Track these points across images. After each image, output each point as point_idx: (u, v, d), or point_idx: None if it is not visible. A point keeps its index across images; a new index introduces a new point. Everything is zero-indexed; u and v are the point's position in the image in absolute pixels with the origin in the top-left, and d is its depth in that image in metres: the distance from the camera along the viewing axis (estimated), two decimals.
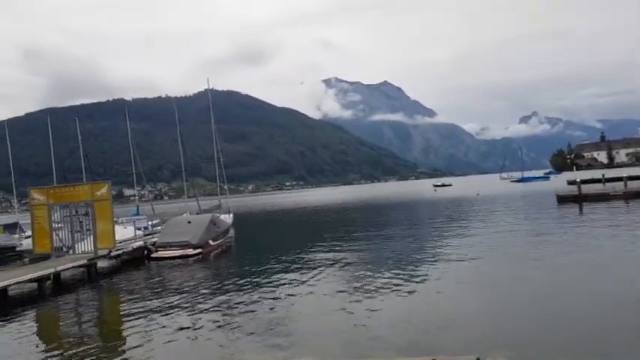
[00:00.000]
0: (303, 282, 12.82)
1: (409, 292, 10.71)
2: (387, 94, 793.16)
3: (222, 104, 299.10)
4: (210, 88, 38.51)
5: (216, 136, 32.73)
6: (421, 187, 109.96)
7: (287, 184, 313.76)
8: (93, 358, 7.96)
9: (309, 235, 25.15)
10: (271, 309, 10.26)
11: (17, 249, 24.64)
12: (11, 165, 35.02)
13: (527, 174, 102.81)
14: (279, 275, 14.02)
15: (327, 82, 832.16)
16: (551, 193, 38.22)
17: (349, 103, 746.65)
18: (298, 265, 15.55)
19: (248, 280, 13.72)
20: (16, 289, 13.94)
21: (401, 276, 12.47)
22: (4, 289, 13.20)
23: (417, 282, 11.76)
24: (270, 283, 13.03)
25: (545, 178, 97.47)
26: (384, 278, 12.35)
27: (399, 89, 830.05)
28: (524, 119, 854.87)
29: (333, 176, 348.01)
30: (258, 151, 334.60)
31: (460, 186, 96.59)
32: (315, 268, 14.70)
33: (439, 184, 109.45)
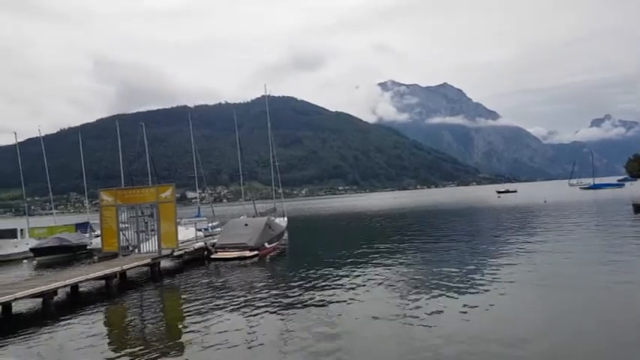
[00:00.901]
0: (357, 287, 12.63)
1: (468, 306, 10.14)
2: (447, 96, 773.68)
3: (278, 110, 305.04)
4: (267, 94, 39.28)
5: (272, 141, 33.33)
6: (483, 194, 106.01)
7: (340, 188, 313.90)
8: (155, 353, 8.26)
9: (362, 241, 24.81)
10: (325, 313, 10.20)
11: (88, 247, 26.34)
12: (83, 168, 37.63)
13: (598, 180, 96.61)
14: (332, 279, 13.90)
15: (383, 86, 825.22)
16: (627, 201, 35.33)
17: (406, 106, 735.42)
18: (352, 270, 15.34)
19: (302, 282, 13.72)
20: (85, 286, 14.83)
21: (460, 288, 11.91)
22: (75, 286, 14.09)
23: (477, 294, 11.15)
24: (324, 286, 12.93)
25: (619, 185, 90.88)
26: (442, 288, 11.84)
27: (460, 91, 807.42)
28: (596, 122, 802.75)
29: (387, 181, 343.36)
30: (312, 156, 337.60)
31: (525, 192, 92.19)
32: (369, 274, 14.44)
33: (503, 190, 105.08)
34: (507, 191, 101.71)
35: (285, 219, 31.28)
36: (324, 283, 13.39)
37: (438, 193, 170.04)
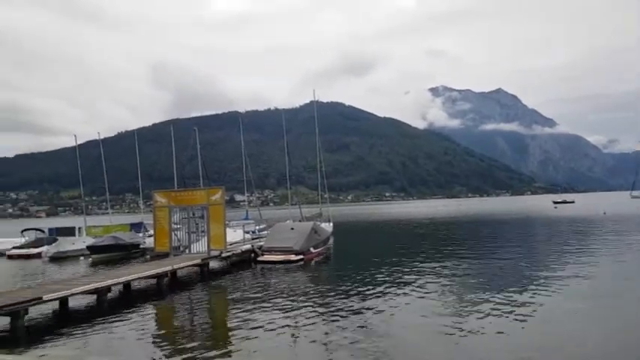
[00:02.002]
0: (403, 295, 12.33)
1: (516, 319, 9.61)
2: (501, 102, 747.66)
3: (326, 115, 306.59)
4: (316, 99, 39.43)
5: (319, 147, 33.36)
6: (538, 203, 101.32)
7: (387, 194, 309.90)
8: (201, 350, 8.43)
9: (409, 248, 24.23)
10: (369, 319, 10.05)
11: (141, 246, 27.33)
12: (139, 170, 39.28)
13: None
14: (378, 286, 13.61)
15: (434, 91, 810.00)
16: None
17: (457, 112, 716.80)
18: (398, 278, 14.96)
19: (347, 288, 13.51)
20: (138, 284, 15.34)
21: (509, 299, 11.31)
22: (128, 284, 14.60)
23: (525, 307, 10.53)
24: (368, 293, 12.67)
25: None
26: (490, 300, 11.31)
27: (515, 97, 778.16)
28: None
29: (436, 188, 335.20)
30: (359, 161, 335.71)
31: (583, 203, 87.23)
32: (415, 282, 14.02)
33: (559, 200, 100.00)
34: (564, 202, 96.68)
35: (331, 224, 31.16)
36: (369, 290, 13.13)
37: (491, 201, 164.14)
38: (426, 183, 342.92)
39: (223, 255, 19.31)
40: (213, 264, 19.46)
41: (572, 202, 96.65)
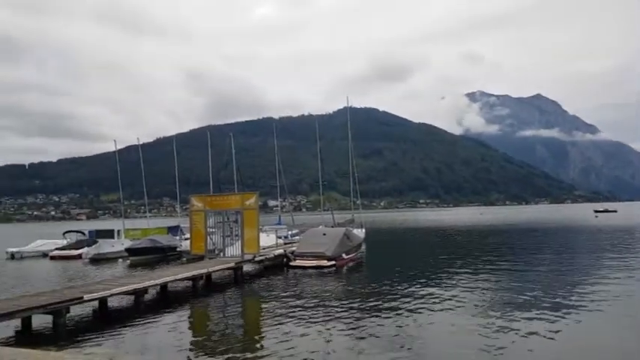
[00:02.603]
0: (436, 304, 12.04)
1: (552, 331, 9.24)
2: (541, 107, 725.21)
3: (360, 121, 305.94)
4: (349, 105, 39.45)
5: (352, 152, 33.27)
6: (579, 212, 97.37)
7: (421, 201, 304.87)
8: (234, 351, 8.56)
9: (444, 257, 23.69)
10: (401, 327, 9.88)
11: (178, 249, 27.89)
12: (176, 175, 40.30)
13: None
14: (410, 294, 13.35)
15: (471, 96, 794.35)
16: None
17: (495, 117, 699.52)
18: (431, 287, 14.64)
19: (380, 296, 13.33)
20: (174, 286, 15.66)
21: (546, 310, 10.86)
22: (165, 285, 14.92)
23: (562, 319, 10.11)
24: (401, 301, 12.46)
25: None
26: (526, 311, 10.89)
27: (555, 103, 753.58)
28: None
29: (472, 195, 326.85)
30: (393, 167, 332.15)
31: (626, 213, 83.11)
32: (449, 291, 13.69)
33: (601, 209, 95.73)
34: (606, 211, 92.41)
35: (363, 230, 30.94)
36: (401, 298, 12.91)
37: (529, 209, 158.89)
38: (462, 190, 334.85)
39: (256, 259, 19.50)
40: (247, 268, 19.67)
41: (615, 211, 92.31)
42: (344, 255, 21.38)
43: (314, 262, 20.01)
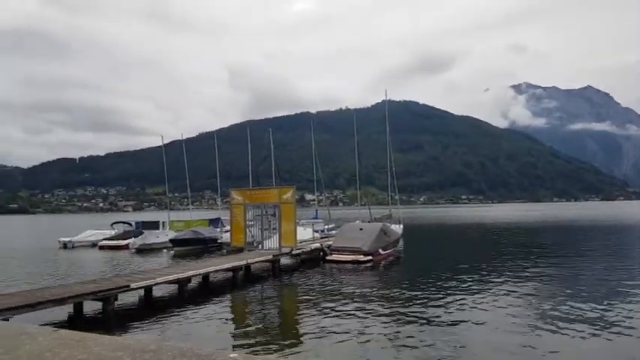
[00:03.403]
0: (476, 303, 11.80)
1: (605, 338, 8.80)
2: (591, 100, 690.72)
3: (398, 114, 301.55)
4: (387, 99, 38.92)
5: (389, 146, 32.93)
6: (632, 210, 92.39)
7: (463, 197, 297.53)
8: (271, 340, 8.87)
9: (486, 255, 23.15)
10: (438, 325, 9.76)
11: (218, 241, 28.72)
12: (217, 169, 41.35)
13: None
14: (449, 292, 13.20)
15: (517, 88, 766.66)
16: None
17: (542, 110, 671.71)
18: (471, 285, 14.40)
19: (417, 292, 13.28)
20: (215, 276, 16.19)
21: (595, 317, 10.26)
22: (207, 275, 15.46)
23: (615, 326, 9.53)
24: (439, 298, 12.35)
25: None
26: (573, 314, 10.43)
27: (607, 95, 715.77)
28: None
29: (518, 191, 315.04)
30: (433, 162, 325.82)
31: None
32: (490, 290, 13.43)
33: None
34: None
35: (401, 226, 30.66)
36: (439, 296, 12.79)
37: (580, 207, 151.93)
38: (507, 185, 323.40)
39: (293, 252, 19.81)
40: (284, 260, 20.02)
41: None
42: (381, 250, 21.33)
43: (350, 257, 20.09)
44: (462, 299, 12.26)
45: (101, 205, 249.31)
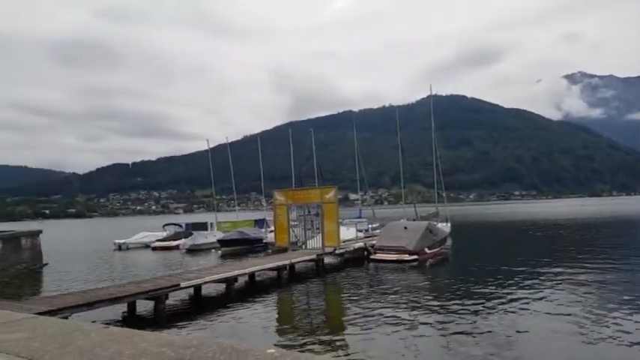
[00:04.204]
0: (527, 304, 11.28)
1: None
2: None
3: (445, 109, 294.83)
4: (432, 94, 38.10)
5: (435, 142, 32.25)
6: None
7: (515, 193, 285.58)
8: (316, 338, 8.98)
9: (539, 253, 22.15)
10: (487, 326, 9.42)
11: (263, 241, 29.31)
12: (261, 170, 42.11)
13: None
14: (498, 293, 12.74)
15: (570, 78, 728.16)
16: None
17: (599, 100, 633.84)
18: (522, 284, 13.86)
19: (465, 293, 12.92)
20: (261, 275, 16.53)
21: None
22: (253, 274, 15.82)
23: None
24: (488, 299, 11.94)
25: None
26: (629, 316, 9.81)
27: None
28: None
29: (574, 186, 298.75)
30: (483, 157, 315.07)
31: None
32: (542, 290, 12.90)
33: None
34: None
35: (449, 224, 29.91)
36: (488, 297, 12.37)
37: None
38: (562, 180, 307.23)
39: (337, 252, 19.85)
40: (328, 260, 20.09)
41: None
42: (427, 249, 20.94)
43: (395, 256, 19.86)
44: (513, 301, 11.74)
45: (153, 207, 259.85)
